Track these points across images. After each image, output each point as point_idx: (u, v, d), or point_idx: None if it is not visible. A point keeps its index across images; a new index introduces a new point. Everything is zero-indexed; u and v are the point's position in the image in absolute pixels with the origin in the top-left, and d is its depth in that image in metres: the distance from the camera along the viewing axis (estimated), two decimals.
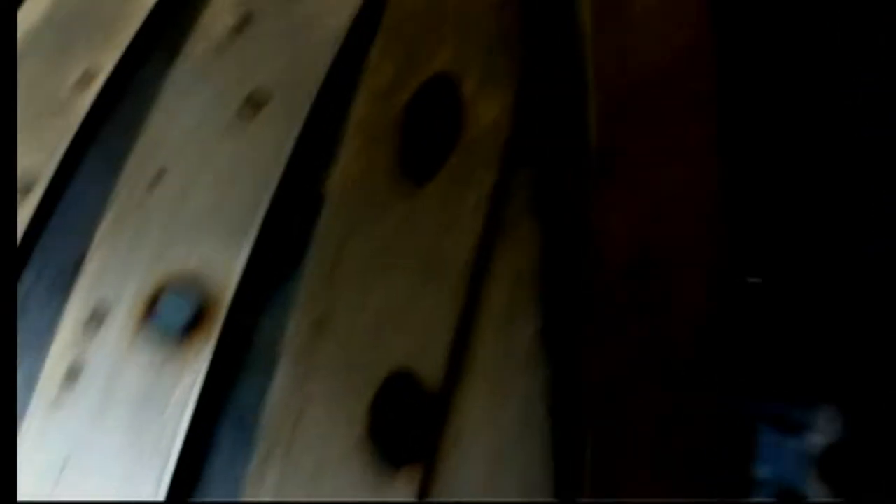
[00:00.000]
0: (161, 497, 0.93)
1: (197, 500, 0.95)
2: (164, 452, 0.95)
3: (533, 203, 1.02)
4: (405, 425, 0.93)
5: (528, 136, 1.05)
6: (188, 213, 1.03)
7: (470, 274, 0.99)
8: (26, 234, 1.07)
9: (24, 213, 1.08)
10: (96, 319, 1.00)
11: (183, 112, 1.09)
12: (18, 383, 1.00)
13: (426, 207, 1.01)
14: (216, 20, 1.13)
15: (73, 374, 0.98)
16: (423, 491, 0.92)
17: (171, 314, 0.98)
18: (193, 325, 0.98)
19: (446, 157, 1.04)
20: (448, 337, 0.96)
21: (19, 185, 1.09)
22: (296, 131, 1.06)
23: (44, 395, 0.98)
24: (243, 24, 1.12)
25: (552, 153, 1.04)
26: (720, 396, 0.91)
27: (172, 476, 0.94)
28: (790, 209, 1.03)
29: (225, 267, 1.00)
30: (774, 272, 1.00)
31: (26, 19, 1.20)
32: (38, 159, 1.10)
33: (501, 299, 0.99)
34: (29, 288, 1.05)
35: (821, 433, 0.96)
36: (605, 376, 0.92)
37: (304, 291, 0.98)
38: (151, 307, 0.99)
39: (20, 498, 0.94)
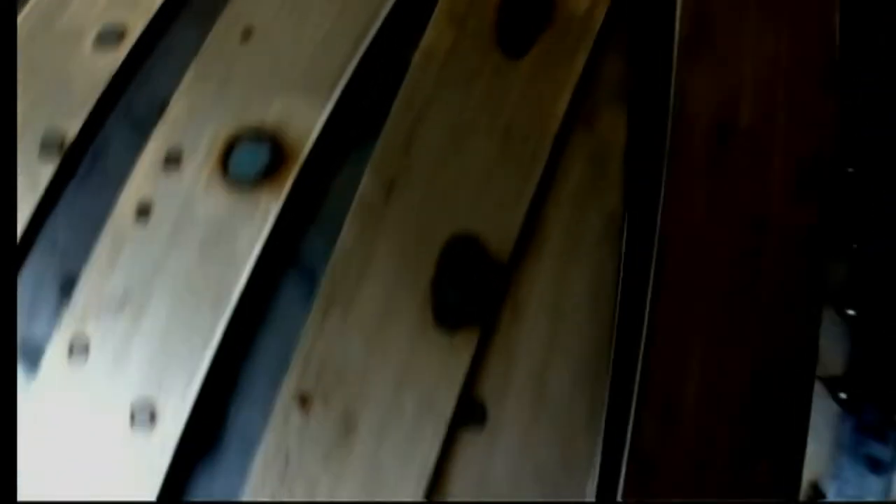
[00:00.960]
0: (219, 332, 0.93)
1: (255, 345, 0.95)
2: (227, 292, 0.95)
3: (621, 89, 1.00)
4: (467, 289, 0.92)
5: (620, 22, 1.03)
6: (274, 68, 1.03)
7: (551, 151, 0.97)
8: (114, 77, 1.08)
9: (115, 56, 1.09)
10: (173, 160, 1.00)
11: None
12: (91, 219, 1.01)
13: (513, 82, 1.00)
14: None
15: (144, 211, 0.98)
16: (479, 354, 0.91)
17: (246, 160, 0.98)
18: (268, 173, 0.98)
19: (538, 37, 1.02)
20: (521, 208, 0.95)
21: (113, 33, 1.10)
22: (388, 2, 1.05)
23: (114, 229, 0.99)
24: None
25: (643, 40, 1.02)
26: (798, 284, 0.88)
27: (233, 314, 0.94)
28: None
29: (305, 121, 1.00)
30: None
31: None
32: (132, 10, 1.11)
33: (580, 179, 0.97)
34: (112, 127, 1.06)
35: None
36: (681, 244, 0.90)
37: (380, 151, 0.97)
38: (229, 153, 0.99)
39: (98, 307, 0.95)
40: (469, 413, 0.90)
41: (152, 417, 0.91)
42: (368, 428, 0.90)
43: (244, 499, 0.89)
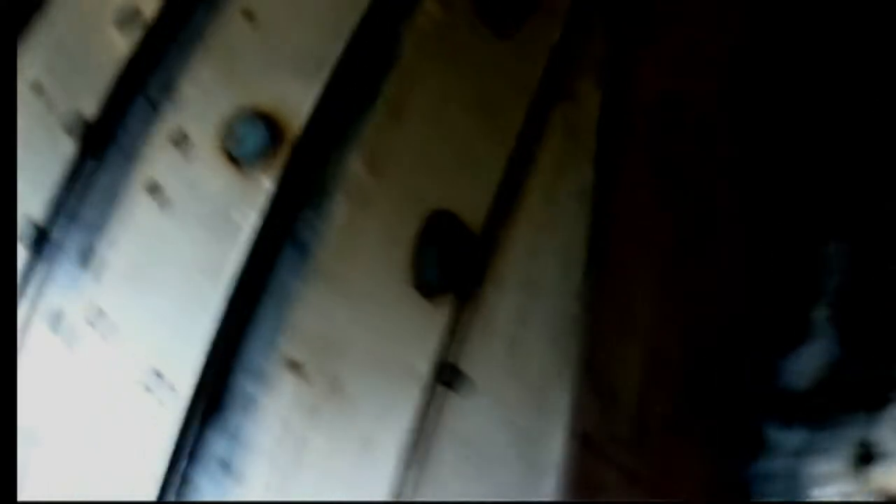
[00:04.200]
0: (220, 303, 0.99)
1: (254, 314, 1.00)
2: (228, 266, 1.00)
3: (598, 64, 1.02)
4: (444, 262, 0.96)
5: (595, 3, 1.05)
6: (272, 49, 1.06)
7: (530, 123, 1.00)
8: (131, 59, 1.12)
9: (132, 37, 1.13)
10: (181, 140, 1.05)
11: None
12: (108, 195, 1.07)
13: (497, 57, 1.03)
14: None
15: (154, 189, 1.04)
16: (457, 318, 0.95)
17: (245, 140, 1.02)
18: (265, 152, 1.02)
19: (522, 16, 1.04)
20: (496, 181, 0.98)
21: (130, 14, 1.14)
22: None
23: (128, 206, 1.04)
24: None
25: (617, 19, 1.03)
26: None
27: (234, 286, 0.99)
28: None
29: (299, 101, 1.03)
30: None
31: None
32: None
33: (555, 151, 1.00)
34: (129, 107, 1.11)
35: None
36: (625, 226, 0.93)
37: (368, 130, 1.01)
38: (230, 132, 1.04)
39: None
40: (448, 376, 0.95)
41: (162, 383, 0.97)
42: (354, 392, 0.95)
43: (245, 460, 0.95)
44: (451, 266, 0.95)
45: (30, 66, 1.15)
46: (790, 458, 0.95)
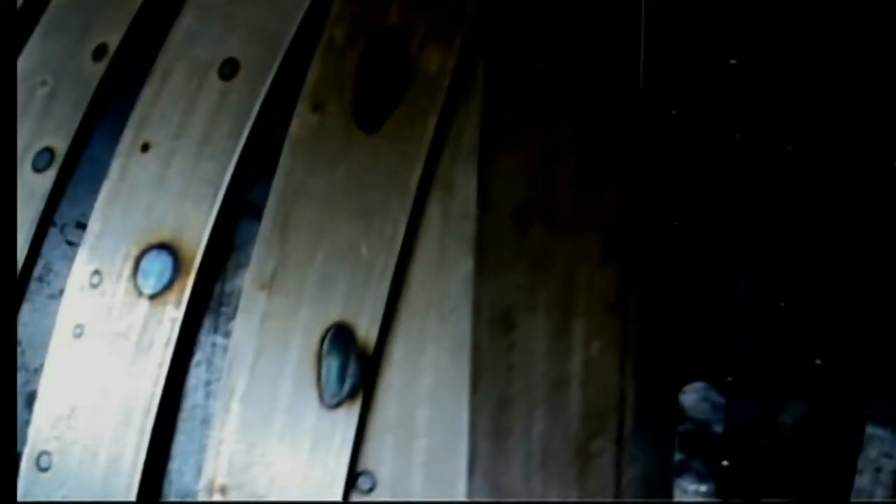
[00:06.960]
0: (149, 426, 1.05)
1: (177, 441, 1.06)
2: (150, 396, 1.06)
3: (473, 147, 1.05)
4: (345, 370, 1.01)
5: (468, 84, 1.08)
6: (167, 182, 1.11)
7: (407, 220, 1.03)
8: (48, 201, 1.19)
9: (45, 180, 1.20)
10: (96, 281, 1.11)
11: (166, 87, 1.17)
12: (37, 338, 1.14)
13: (373, 158, 1.06)
14: None
15: (78, 329, 1.10)
16: (361, 424, 1.00)
17: (152, 274, 1.08)
18: (171, 282, 1.08)
19: (394, 107, 1.07)
20: (387, 284, 1.01)
21: (41, 160, 1.21)
22: (260, 97, 1.12)
23: (57, 348, 1.11)
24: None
25: (488, 102, 1.06)
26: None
27: (156, 416, 1.06)
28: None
29: (197, 230, 1.08)
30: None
31: None
32: (58, 137, 1.22)
33: (434, 242, 1.03)
34: (51, 248, 1.18)
35: None
36: (497, 310, 0.98)
37: (257, 252, 1.06)
38: (138, 267, 1.10)
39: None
40: (359, 480, 1.00)
41: None
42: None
43: None
44: (351, 375, 0.99)
45: None
46: None
